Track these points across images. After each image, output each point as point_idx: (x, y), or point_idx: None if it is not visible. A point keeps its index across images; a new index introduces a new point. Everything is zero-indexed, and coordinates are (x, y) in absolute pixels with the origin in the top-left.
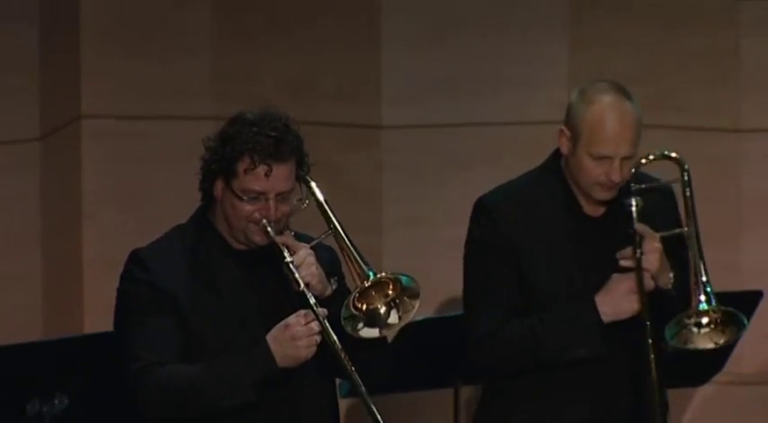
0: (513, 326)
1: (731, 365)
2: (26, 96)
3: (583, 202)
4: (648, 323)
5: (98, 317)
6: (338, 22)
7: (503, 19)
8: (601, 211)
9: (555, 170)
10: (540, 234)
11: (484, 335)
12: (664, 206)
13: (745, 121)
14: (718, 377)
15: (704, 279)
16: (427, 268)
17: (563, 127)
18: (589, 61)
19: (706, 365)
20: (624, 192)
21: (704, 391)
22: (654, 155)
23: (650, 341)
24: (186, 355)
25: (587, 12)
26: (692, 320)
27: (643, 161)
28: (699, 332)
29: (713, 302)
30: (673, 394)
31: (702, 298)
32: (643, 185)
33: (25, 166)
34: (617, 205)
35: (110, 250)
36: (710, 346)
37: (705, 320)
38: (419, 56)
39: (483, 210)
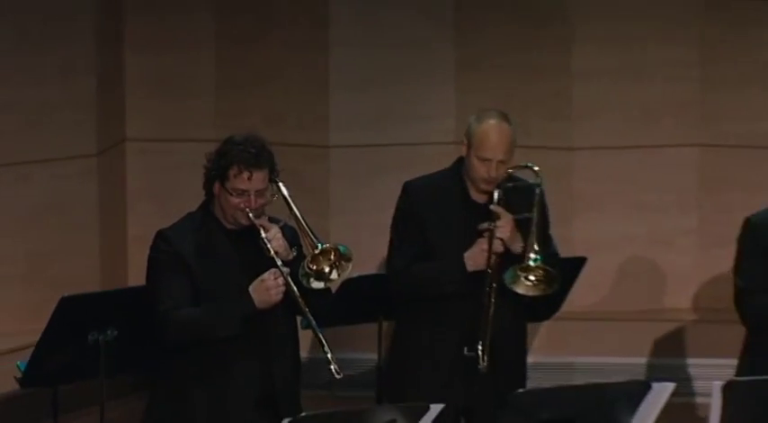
0: (415, 267)
1: (565, 306)
2: (87, 125)
3: (471, 191)
4: (491, 271)
5: (137, 277)
6: (299, 76)
7: (414, 71)
8: (483, 198)
9: (456, 169)
10: (438, 209)
11: (396, 271)
12: (526, 198)
13: (575, 143)
14: (557, 314)
15: (536, 248)
16: (359, 242)
17: (464, 138)
18: (470, 103)
19: (550, 306)
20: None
21: (547, 324)
22: (520, 165)
23: (493, 285)
24: (194, 300)
25: (470, 71)
26: (523, 272)
27: (510, 170)
28: (525, 281)
29: (538, 261)
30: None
31: (532, 256)
32: (510, 184)
33: (87, 173)
34: (491, 195)
35: (145, 232)
36: (530, 293)
37: (532, 276)
38: (356, 97)
39: (404, 189)
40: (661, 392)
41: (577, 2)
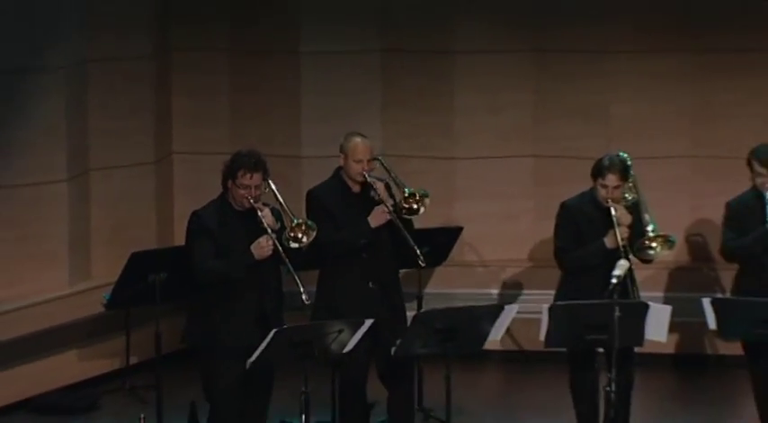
0: (336, 235)
1: (453, 258)
2: (149, 143)
3: (350, 185)
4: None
5: (179, 240)
6: (282, 112)
7: (354, 109)
8: (358, 188)
9: (338, 174)
10: (336, 201)
11: (324, 239)
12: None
13: (456, 153)
14: (447, 262)
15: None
16: None
17: (340, 153)
18: (391, 132)
19: (434, 257)
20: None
21: (439, 269)
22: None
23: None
24: (216, 255)
25: (392, 109)
26: (648, 242)
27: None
28: (650, 248)
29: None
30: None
31: (649, 228)
32: (369, 178)
33: (148, 174)
34: (368, 186)
35: (184, 212)
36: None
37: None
38: (319, 127)
39: (308, 195)
40: (510, 312)
41: (462, 68)
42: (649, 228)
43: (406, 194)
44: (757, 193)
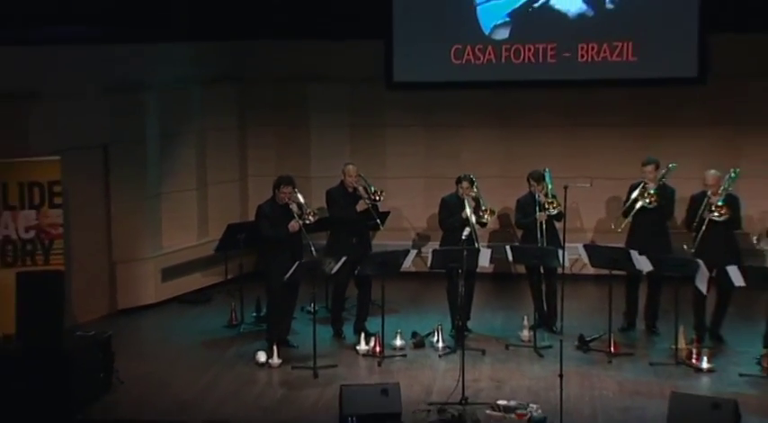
0: (340, 211)
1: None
2: (234, 167)
3: (347, 188)
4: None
5: (251, 218)
6: (299, 149)
7: (334, 143)
8: (351, 190)
9: (341, 182)
10: (340, 196)
11: (333, 215)
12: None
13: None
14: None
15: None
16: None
17: (342, 172)
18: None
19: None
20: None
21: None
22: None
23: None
24: (271, 227)
25: (360, 139)
26: (716, 209)
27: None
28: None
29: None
30: None
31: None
32: (356, 185)
33: (234, 187)
34: (355, 189)
35: (254, 206)
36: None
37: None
38: (321, 161)
39: (328, 191)
40: (412, 254)
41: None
42: (484, 209)
43: (373, 191)
44: (533, 195)
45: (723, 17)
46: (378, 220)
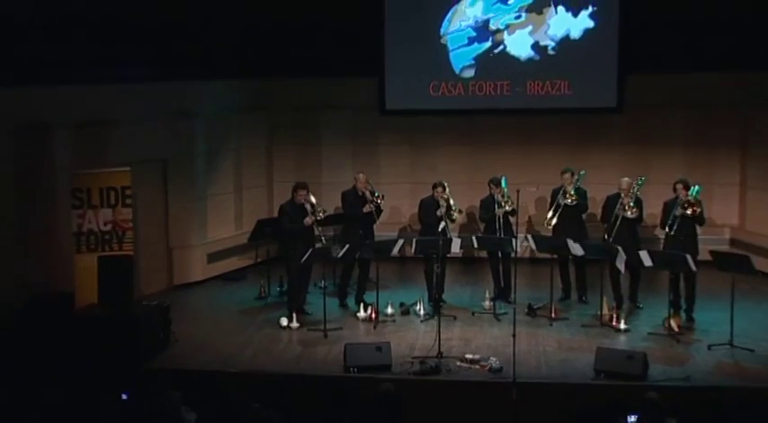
0: (350, 210)
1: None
2: (262, 175)
3: (357, 191)
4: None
5: (275, 215)
6: (308, 164)
7: (340, 158)
8: (361, 193)
9: (354, 187)
10: (351, 197)
11: (346, 213)
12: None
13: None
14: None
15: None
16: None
17: (354, 178)
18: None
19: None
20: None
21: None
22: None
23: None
24: (290, 222)
25: (360, 154)
26: (687, 206)
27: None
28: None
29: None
30: None
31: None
32: (364, 190)
33: (263, 191)
34: (363, 193)
35: (277, 205)
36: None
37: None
38: (329, 172)
39: (343, 194)
40: (399, 243)
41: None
42: (454, 208)
43: (377, 195)
44: (493, 196)
45: (636, 61)
46: (375, 218)
